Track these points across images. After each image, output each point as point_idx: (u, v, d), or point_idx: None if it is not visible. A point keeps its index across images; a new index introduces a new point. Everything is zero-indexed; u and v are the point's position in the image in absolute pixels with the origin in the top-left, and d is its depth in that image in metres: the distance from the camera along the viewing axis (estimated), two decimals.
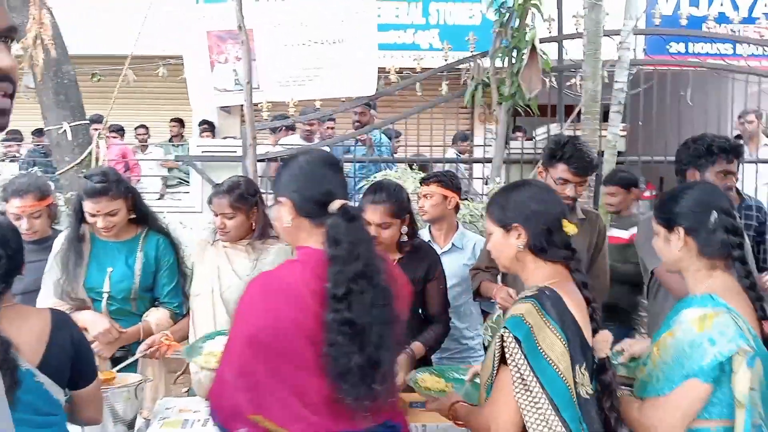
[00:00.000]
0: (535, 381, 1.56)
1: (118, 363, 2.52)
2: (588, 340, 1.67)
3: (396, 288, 1.61)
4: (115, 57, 5.25)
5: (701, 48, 6.96)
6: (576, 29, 5.00)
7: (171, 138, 9.17)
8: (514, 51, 4.46)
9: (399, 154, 6.11)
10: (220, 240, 2.70)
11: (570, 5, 5.23)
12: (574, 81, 5.37)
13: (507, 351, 1.59)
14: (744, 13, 7.80)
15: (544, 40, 4.78)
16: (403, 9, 8.27)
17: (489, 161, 5.01)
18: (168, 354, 2.56)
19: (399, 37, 8.28)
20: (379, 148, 5.79)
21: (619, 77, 4.64)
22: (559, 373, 1.57)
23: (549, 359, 1.57)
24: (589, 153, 2.68)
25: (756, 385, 1.68)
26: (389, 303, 1.55)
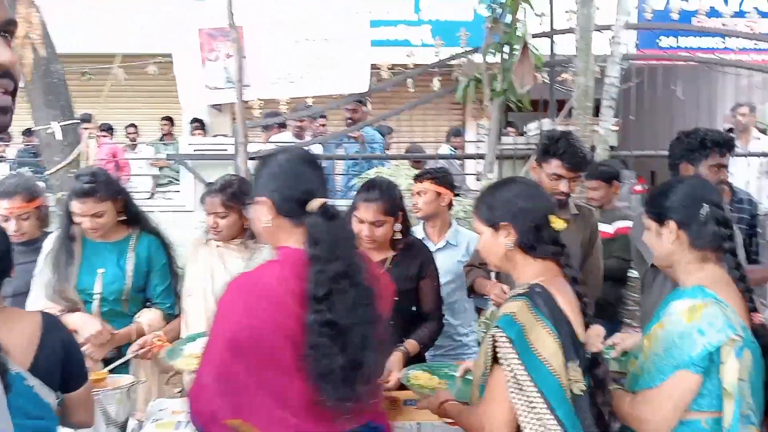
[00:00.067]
0: (528, 381, 1.55)
1: (110, 364, 2.50)
2: (579, 336, 1.66)
3: (378, 287, 1.58)
4: (105, 55, 5.22)
5: (692, 42, 6.96)
6: (568, 24, 5.01)
7: (162, 137, 9.12)
8: (506, 46, 4.45)
9: (392, 150, 6.10)
10: (213, 239, 2.69)
11: (561, 0, 5.23)
12: (565, 76, 5.37)
13: (499, 351, 1.58)
14: (734, 7, 7.81)
15: (535, 36, 4.78)
16: (394, 5, 8.25)
17: (481, 157, 5.01)
18: (160, 355, 2.54)
19: (390, 33, 8.27)
20: (371, 145, 5.77)
21: (610, 72, 4.64)
22: (553, 371, 1.57)
23: (542, 358, 1.57)
24: (582, 148, 2.69)
25: (745, 375, 1.69)
26: (371, 303, 1.52)
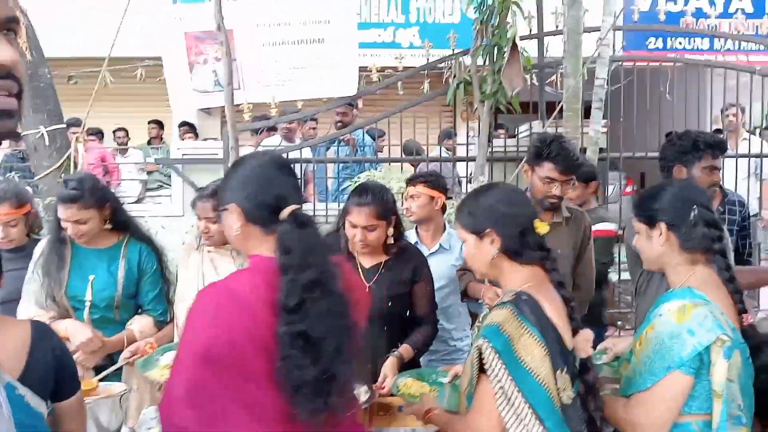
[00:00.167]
0: (516, 392, 1.54)
1: (102, 372, 2.47)
2: (567, 342, 1.65)
3: (353, 296, 1.54)
4: (92, 59, 5.17)
5: (679, 43, 7.02)
6: (556, 26, 5.03)
7: (149, 140, 9.06)
8: (495, 49, 4.46)
9: (383, 153, 6.09)
10: (204, 244, 2.67)
11: (549, 2, 5.25)
12: (554, 78, 5.39)
13: (486, 362, 1.57)
14: (720, 8, 7.89)
15: (524, 38, 4.79)
16: (383, 7, 8.26)
17: (472, 159, 5.01)
18: (137, 364, 2.50)
19: (379, 35, 8.27)
20: (362, 148, 5.76)
21: (599, 74, 4.66)
22: (540, 381, 1.56)
23: (529, 368, 1.56)
24: (574, 151, 2.70)
25: (734, 376, 1.70)
26: (345, 312, 1.48)
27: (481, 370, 1.59)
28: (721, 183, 2.81)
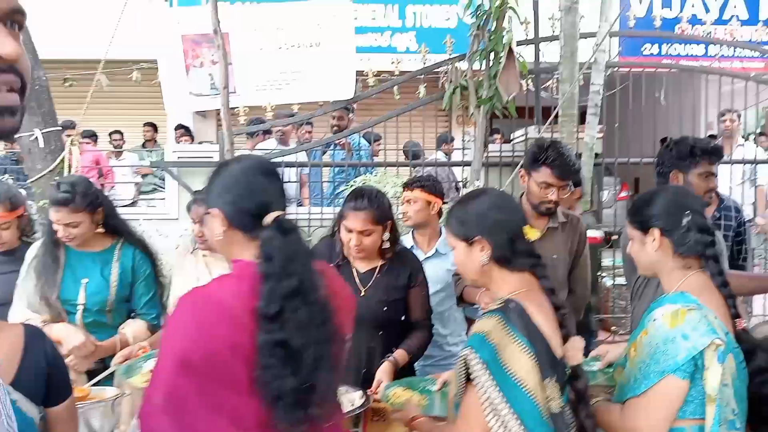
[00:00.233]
0: (503, 403, 1.52)
1: (94, 376, 2.45)
2: (557, 349, 1.63)
3: (337, 303, 1.51)
4: (88, 61, 5.16)
5: (674, 49, 7.05)
6: (552, 32, 5.03)
7: (144, 143, 9.04)
8: (492, 54, 4.47)
9: (379, 157, 6.08)
10: (199, 248, 2.66)
11: (546, 8, 5.26)
12: (550, 83, 5.40)
13: (472, 372, 1.54)
14: (715, 14, 7.92)
15: (520, 43, 4.80)
16: (379, 12, 8.27)
17: (468, 164, 5.01)
18: (118, 372, 2.48)
19: (375, 39, 8.27)
20: (357, 152, 5.76)
21: (595, 79, 4.67)
22: (528, 391, 1.53)
23: (516, 377, 1.53)
24: (571, 157, 2.70)
25: (728, 380, 1.69)
26: (327, 321, 1.44)
27: (468, 379, 1.57)
28: (717, 189, 2.81)
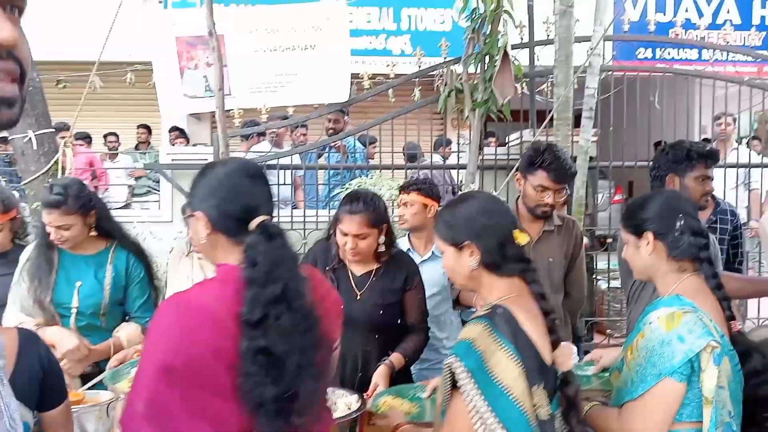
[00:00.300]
0: (489, 412, 1.49)
1: (88, 380, 2.44)
2: (546, 356, 1.60)
3: (324, 308, 1.49)
4: (81, 63, 5.13)
5: (668, 54, 7.08)
6: (547, 36, 5.04)
7: (137, 145, 9.01)
8: (487, 57, 4.47)
9: (374, 160, 6.08)
10: (194, 251, 2.65)
11: (540, 12, 5.27)
12: (545, 87, 5.40)
13: (458, 380, 1.52)
14: (708, 19, 7.97)
15: (515, 47, 4.80)
16: (374, 15, 8.27)
17: (463, 167, 5.01)
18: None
19: (371, 42, 8.28)
20: (353, 155, 5.75)
21: (590, 83, 4.68)
22: (515, 399, 1.51)
23: (503, 385, 1.51)
24: (567, 160, 2.71)
25: (724, 382, 1.70)
26: (312, 328, 1.40)
27: (454, 386, 1.54)
28: (713, 192, 2.83)
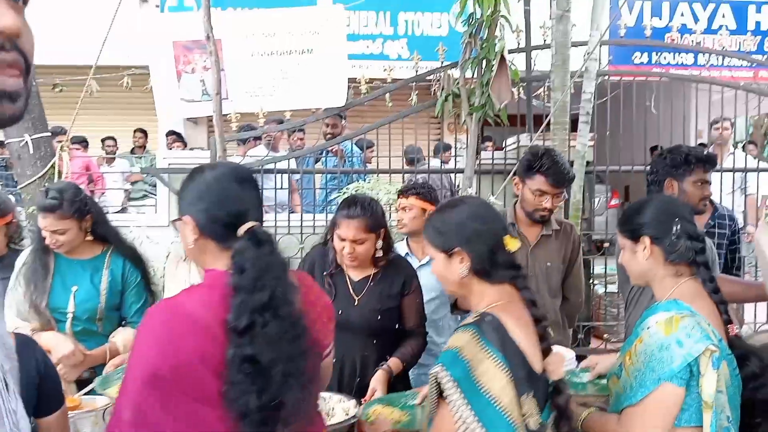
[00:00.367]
0: (476, 422, 1.47)
1: (84, 385, 2.42)
2: (536, 364, 1.57)
3: (314, 314, 1.47)
4: (78, 67, 5.12)
5: (664, 58, 7.11)
6: (544, 40, 5.05)
7: (132, 149, 8.99)
8: (484, 61, 4.47)
9: (371, 164, 6.08)
10: None
11: (537, 16, 5.28)
12: (542, 91, 5.41)
13: (444, 390, 1.49)
14: (704, 24, 8.01)
15: (512, 51, 4.81)
16: (371, 19, 8.28)
17: (460, 171, 5.01)
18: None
19: (368, 47, 8.28)
20: (350, 159, 5.75)
21: (586, 88, 4.69)
22: (502, 408, 1.48)
23: (490, 395, 1.48)
24: (565, 165, 2.71)
25: (722, 386, 1.69)
26: (299, 336, 1.39)
27: (441, 395, 1.52)
28: (711, 196, 2.83)
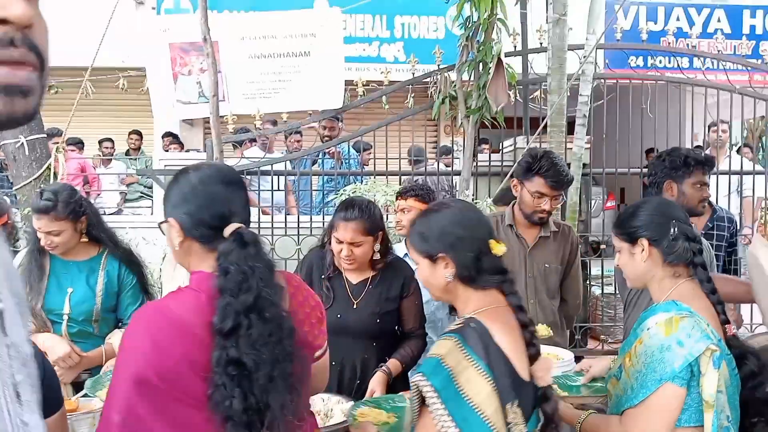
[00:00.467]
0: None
1: (80, 387, 2.41)
2: (522, 371, 1.53)
3: (302, 316, 1.46)
4: (74, 69, 5.10)
5: (660, 62, 7.12)
6: (540, 43, 5.06)
7: (127, 151, 8.96)
8: (480, 64, 4.48)
9: (369, 167, 6.08)
10: None
11: (534, 20, 5.30)
12: (537, 94, 5.42)
13: (425, 399, 1.46)
14: (700, 28, 8.04)
15: (509, 54, 4.82)
16: (368, 22, 8.29)
17: (457, 174, 5.02)
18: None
19: (364, 50, 8.29)
20: (347, 161, 5.75)
21: (583, 90, 4.71)
22: (485, 418, 1.44)
23: (473, 404, 1.44)
24: (564, 167, 2.72)
25: (722, 386, 1.70)
26: (285, 339, 1.38)
27: (424, 402, 1.48)
28: (710, 198, 2.84)
